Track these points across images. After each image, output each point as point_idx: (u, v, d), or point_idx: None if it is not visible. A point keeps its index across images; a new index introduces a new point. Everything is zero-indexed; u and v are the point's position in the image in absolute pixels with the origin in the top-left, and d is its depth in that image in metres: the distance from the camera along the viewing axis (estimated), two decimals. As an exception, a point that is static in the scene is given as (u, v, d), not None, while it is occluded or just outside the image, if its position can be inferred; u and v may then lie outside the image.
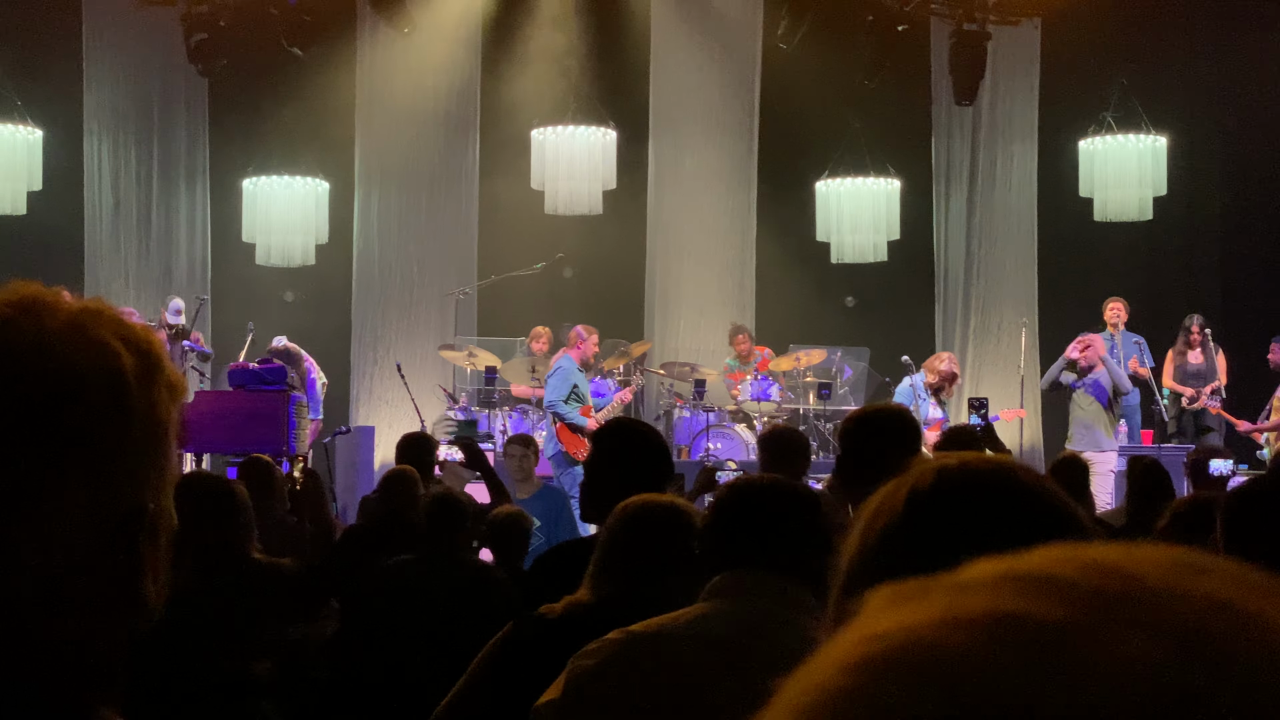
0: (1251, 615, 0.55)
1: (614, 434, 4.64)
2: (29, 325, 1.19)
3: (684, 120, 16.29)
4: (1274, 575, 0.58)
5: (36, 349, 1.18)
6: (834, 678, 0.58)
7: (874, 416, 4.50)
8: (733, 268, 16.32)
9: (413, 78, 15.73)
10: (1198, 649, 0.54)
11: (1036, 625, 0.56)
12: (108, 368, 1.20)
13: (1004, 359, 16.18)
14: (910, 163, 16.27)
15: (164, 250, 15.67)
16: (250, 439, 11.55)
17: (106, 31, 15.38)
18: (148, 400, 1.22)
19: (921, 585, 0.61)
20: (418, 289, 15.94)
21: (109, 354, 1.20)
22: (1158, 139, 15.21)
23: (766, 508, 2.91)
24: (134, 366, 1.21)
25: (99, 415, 1.19)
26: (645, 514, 3.64)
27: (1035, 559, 0.60)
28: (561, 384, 12.87)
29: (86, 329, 1.21)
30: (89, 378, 1.19)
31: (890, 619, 0.59)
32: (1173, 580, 0.57)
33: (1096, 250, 16.09)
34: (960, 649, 0.56)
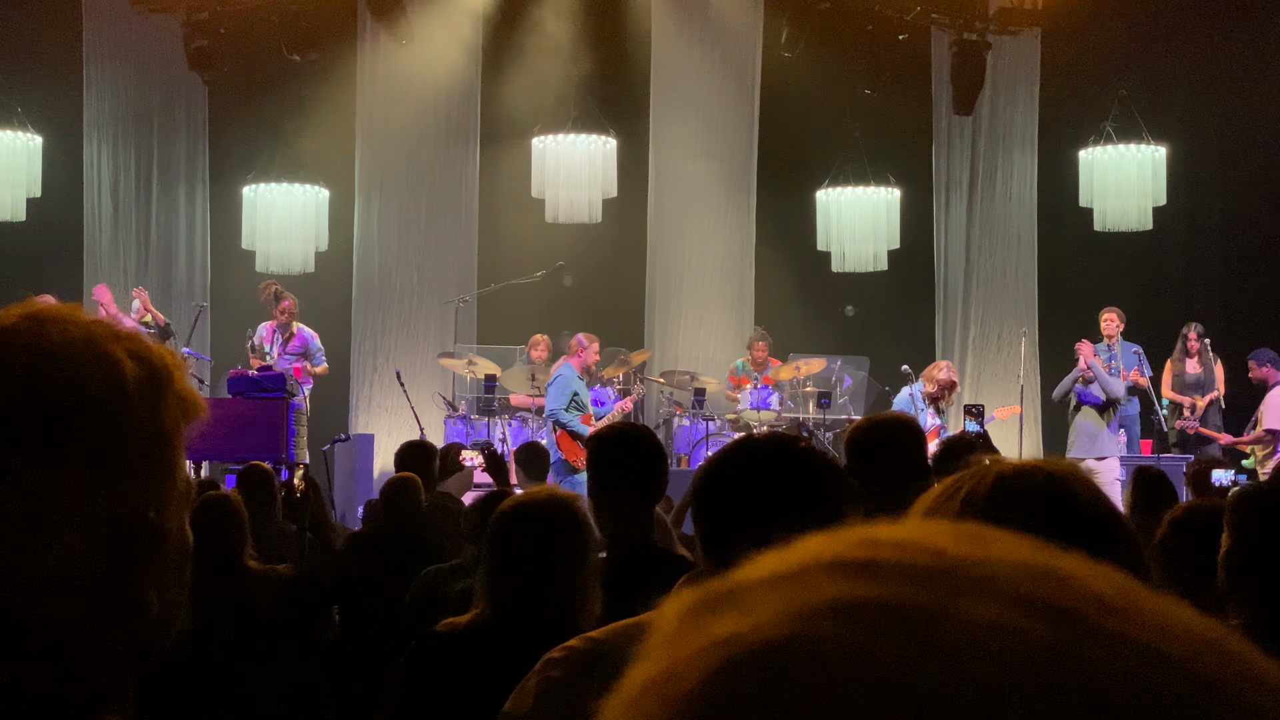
0: (1057, 571, 0.58)
1: (612, 440, 4.61)
2: (33, 334, 1.21)
3: (684, 129, 16.30)
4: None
5: (39, 356, 1.19)
6: (695, 688, 0.56)
7: (880, 425, 4.50)
8: (732, 277, 16.33)
9: (413, 86, 15.74)
10: (1029, 606, 0.55)
11: (889, 607, 0.56)
12: (109, 377, 1.21)
13: (1004, 368, 16.19)
14: (910, 172, 16.28)
15: (163, 257, 15.68)
16: (248, 446, 11.54)
17: (107, 38, 15.39)
18: (151, 411, 1.23)
19: (728, 584, 0.60)
20: (418, 297, 15.94)
21: (111, 364, 1.21)
22: (1157, 149, 15.22)
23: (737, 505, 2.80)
24: (138, 377, 1.23)
25: (98, 422, 1.20)
26: (520, 515, 3.58)
27: (835, 546, 0.60)
28: (562, 392, 12.86)
29: (93, 341, 1.22)
30: (89, 385, 1.20)
31: (728, 621, 0.58)
32: (974, 550, 0.59)
33: (1096, 260, 16.10)
34: (824, 640, 0.56)
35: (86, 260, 15.41)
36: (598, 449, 4.45)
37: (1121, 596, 0.57)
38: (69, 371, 1.19)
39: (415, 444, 8.31)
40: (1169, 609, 0.57)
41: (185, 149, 15.77)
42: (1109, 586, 0.58)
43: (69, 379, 1.19)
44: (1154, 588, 0.59)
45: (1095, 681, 0.54)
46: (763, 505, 2.57)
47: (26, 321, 1.22)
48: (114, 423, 1.20)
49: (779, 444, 2.69)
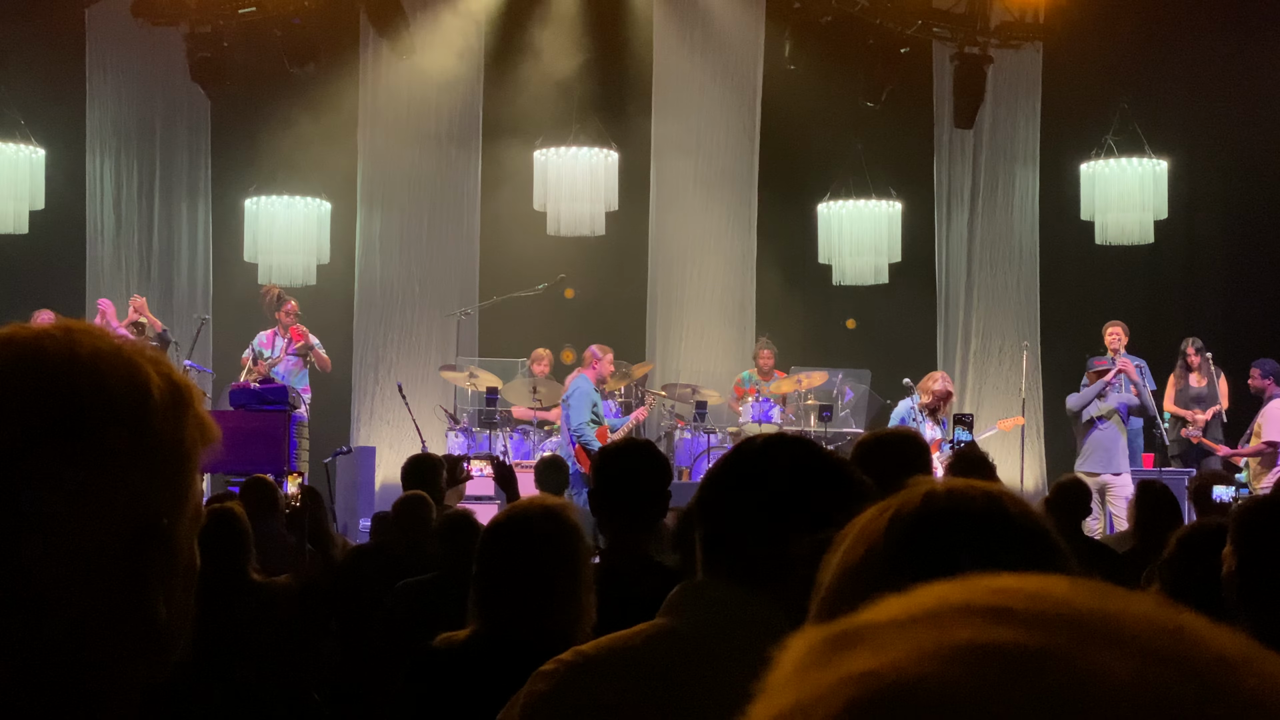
0: (1183, 627, 0.60)
1: (617, 455, 4.59)
2: (65, 342, 1.23)
3: (686, 142, 16.32)
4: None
5: (71, 362, 1.22)
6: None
7: (885, 440, 4.49)
8: (734, 289, 16.34)
9: (415, 98, 15.77)
10: (1164, 661, 0.57)
11: (1023, 651, 0.58)
12: (136, 388, 1.23)
13: (1005, 381, 16.19)
14: (912, 185, 16.29)
15: (165, 270, 15.69)
16: (251, 458, 11.55)
17: (110, 51, 15.41)
18: (173, 426, 1.25)
19: (855, 624, 0.62)
20: (419, 309, 15.95)
21: (139, 374, 1.24)
22: (1158, 162, 15.24)
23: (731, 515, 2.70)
24: (163, 392, 1.25)
25: (124, 430, 1.22)
26: (511, 527, 3.55)
27: (965, 592, 0.62)
28: (583, 406, 12.92)
29: (122, 354, 1.25)
30: (117, 394, 1.22)
31: (861, 658, 0.59)
32: (1101, 601, 0.61)
33: (1098, 273, 16.10)
34: (961, 680, 0.57)
35: (89, 273, 15.42)
36: (603, 463, 4.44)
37: (1241, 654, 0.59)
38: (98, 379, 1.22)
39: (422, 457, 8.30)
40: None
41: (187, 161, 15.79)
42: (1230, 644, 0.59)
43: (99, 386, 1.21)
44: None
45: None
46: (769, 507, 2.53)
47: (59, 330, 1.24)
48: (139, 432, 1.22)
49: (787, 444, 2.62)
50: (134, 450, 1.22)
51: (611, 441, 4.74)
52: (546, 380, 14.56)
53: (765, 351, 14.93)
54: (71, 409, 1.20)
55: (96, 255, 15.50)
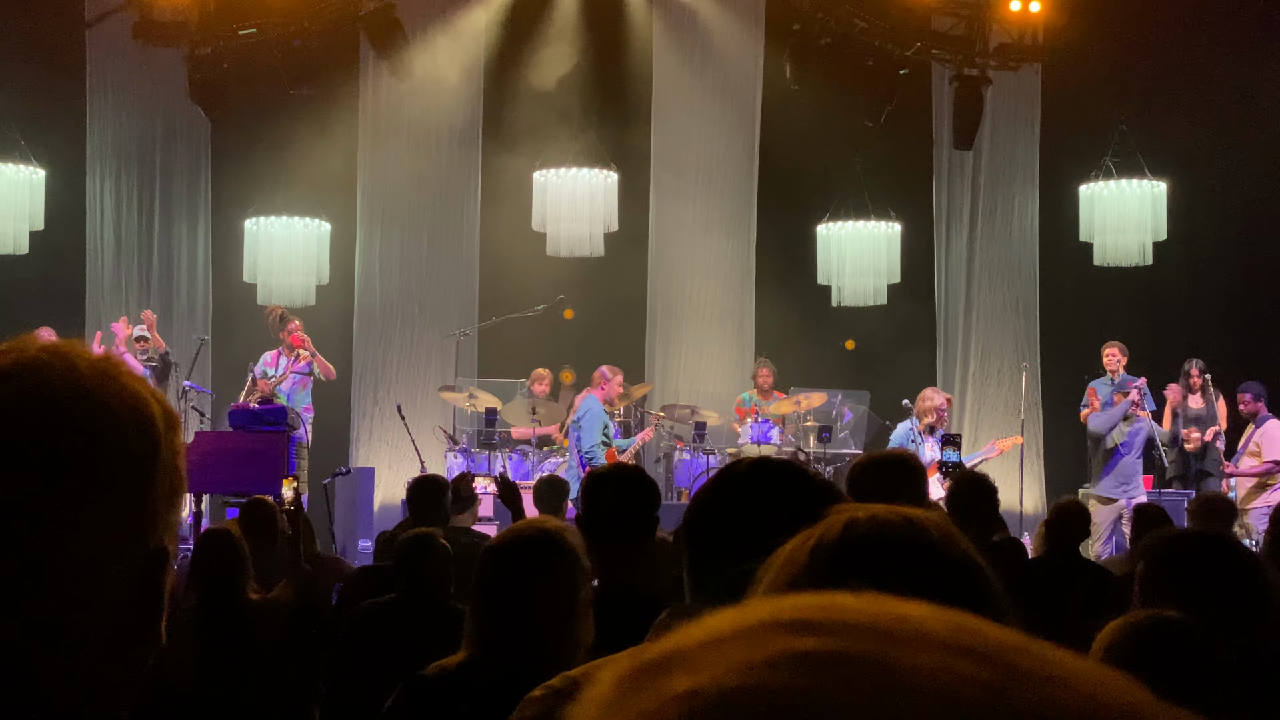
0: (971, 621, 0.65)
1: (605, 481, 4.59)
2: (64, 368, 1.23)
3: (685, 162, 16.35)
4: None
5: (74, 391, 1.21)
6: None
7: (879, 463, 4.50)
8: (733, 310, 16.35)
9: (415, 120, 15.80)
10: (960, 652, 0.62)
11: (837, 655, 0.61)
12: (140, 412, 1.24)
13: (1005, 402, 16.20)
14: (911, 206, 16.32)
15: (165, 290, 15.69)
16: (249, 479, 11.53)
17: (110, 72, 15.44)
18: (171, 447, 1.27)
19: (665, 649, 0.65)
20: (418, 330, 15.96)
21: (141, 400, 1.25)
22: (1157, 184, 15.26)
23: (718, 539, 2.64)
24: (162, 414, 1.26)
25: (134, 457, 1.22)
26: (507, 550, 3.50)
27: (770, 609, 0.66)
28: (594, 428, 12.98)
29: (117, 376, 1.25)
30: (124, 420, 1.22)
31: (680, 679, 0.62)
32: (899, 608, 0.65)
33: (1097, 294, 16.11)
34: (780, 687, 0.60)
35: (89, 293, 15.42)
36: (591, 488, 4.45)
37: (1022, 641, 0.64)
38: (107, 408, 1.22)
39: (427, 479, 8.25)
40: (1053, 650, 0.64)
41: (187, 182, 15.80)
42: (1011, 635, 0.65)
43: (109, 415, 1.22)
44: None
45: (1038, 712, 0.61)
46: (757, 531, 2.50)
47: (57, 358, 1.24)
48: (146, 457, 1.23)
49: (772, 466, 2.60)
50: (145, 476, 1.23)
51: (600, 467, 4.74)
52: (546, 400, 14.56)
53: (764, 370, 14.96)
54: (87, 443, 1.21)
55: (96, 275, 15.51)
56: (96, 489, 1.20)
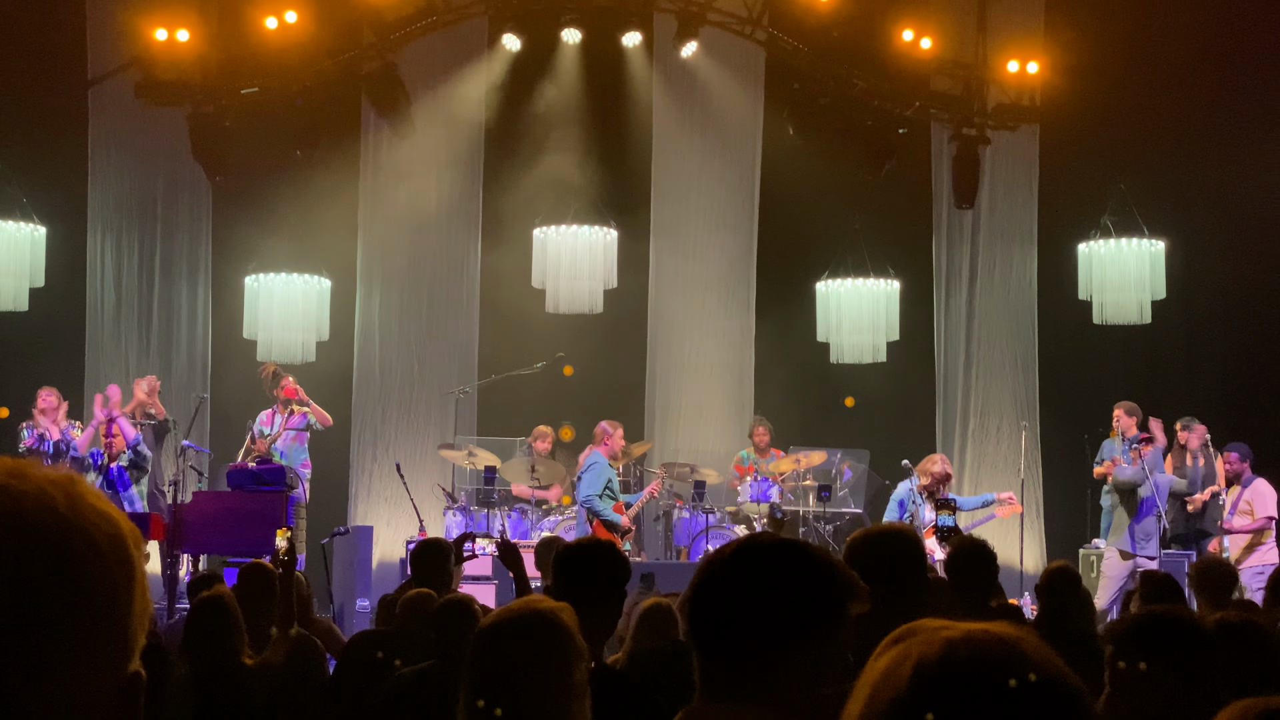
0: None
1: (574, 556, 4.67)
2: (34, 492, 1.20)
3: (685, 220, 16.39)
4: None
5: (49, 515, 1.19)
6: None
7: (877, 537, 4.48)
8: (732, 367, 16.35)
9: (416, 176, 15.84)
10: None
11: None
12: (114, 532, 1.22)
13: (1004, 460, 16.17)
14: (910, 264, 16.34)
15: (164, 348, 15.68)
16: (248, 540, 11.51)
17: (112, 130, 15.49)
18: (140, 569, 1.25)
19: None
20: (418, 387, 15.95)
21: (111, 519, 1.22)
22: (1155, 243, 15.30)
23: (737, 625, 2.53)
24: (130, 532, 1.24)
25: (112, 581, 1.20)
26: (498, 633, 3.42)
27: None
28: (596, 480, 13.01)
29: (83, 495, 1.22)
30: (101, 544, 1.20)
31: None
32: None
33: (1096, 352, 16.12)
34: None
35: (88, 351, 15.42)
36: (563, 561, 4.53)
37: None
38: (86, 535, 1.20)
39: (431, 543, 8.25)
40: None
41: (188, 239, 15.82)
42: None
43: (88, 542, 1.19)
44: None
45: None
46: (749, 622, 2.47)
47: (27, 482, 1.21)
48: (125, 580, 1.22)
49: (785, 551, 2.55)
50: (124, 599, 1.22)
51: (575, 540, 4.77)
52: (546, 459, 14.55)
53: (760, 429, 14.97)
54: (66, 569, 1.19)
55: (96, 332, 15.51)
56: (77, 616, 1.18)
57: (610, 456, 13.44)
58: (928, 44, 15.20)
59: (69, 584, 1.18)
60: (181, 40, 14.43)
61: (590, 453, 13.51)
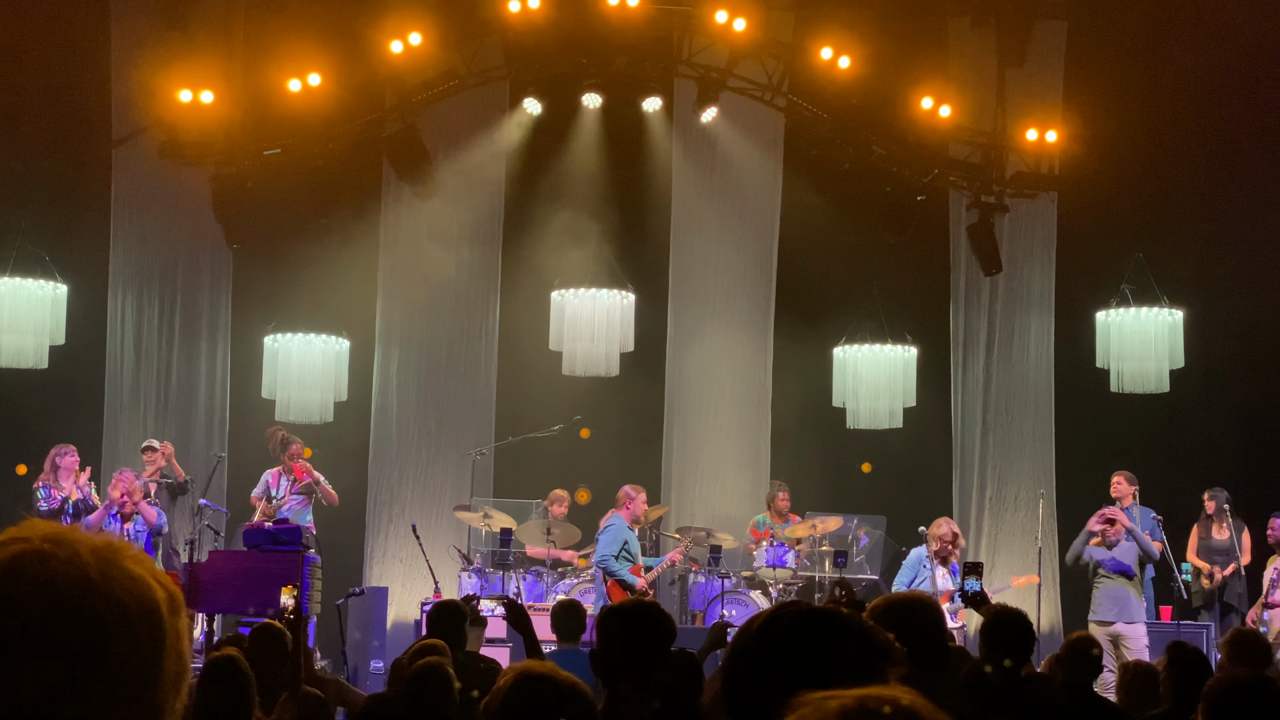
0: None
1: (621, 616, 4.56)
2: (68, 557, 1.21)
3: (703, 285, 16.42)
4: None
5: (79, 582, 1.20)
6: None
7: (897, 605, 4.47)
8: (749, 432, 16.32)
9: (435, 238, 15.91)
10: None
11: None
12: (146, 600, 1.22)
13: (1021, 529, 16.09)
14: (928, 330, 16.34)
15: (183, 407, 15.70)
16: (263, 599, 11.48)
17: (135, 190, 15.58)
18: (176, 632, 1.25)
19: None
20: (435, 448, 15.94)
21: (145, 587, 1.23)
22: (1174, 312, 15.29)
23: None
24: (166, 600, 1.23)
25: (139, 647, 1.21)
26: (514, 709, 3.46)
27: None
28: (613, 541, 13.02)
29: (120, 563, 1.23)
30: (130, 610, 1.20)
31: None
32: None
33: (1114, 421, 16.08)
34: None
35: (107, 409, 15.45)
36: (606, 621, 4.43)
37: None
38: (109, 594, 1.20)
39: (448, 604, 8.27)
40: None
41: (208, 299, 15.88)
42: None
43: (111, 602, 1.20)
44: None
45: None
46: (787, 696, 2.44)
47: (60, 547, 1.22)
48: (154, 648, 1.22)
49: (822, 619, 2.51)
50: (152, 666, 1.21)
51: (618, 602, 4.70)
52: (562, 522, 14.53)
53: (782, 495, 14.97)
54: (93, 635, 1.18)
55: (115, 391, 15.54)
56: (103, 683, 1.18)
57: (631, 520, 13.44)
58: (947, 112, 15.26)
59: (95, 654, 1.18)
60: (205, 102, 14.55)
61: (611, 515, 13.51)
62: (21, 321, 14.37)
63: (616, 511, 13.47)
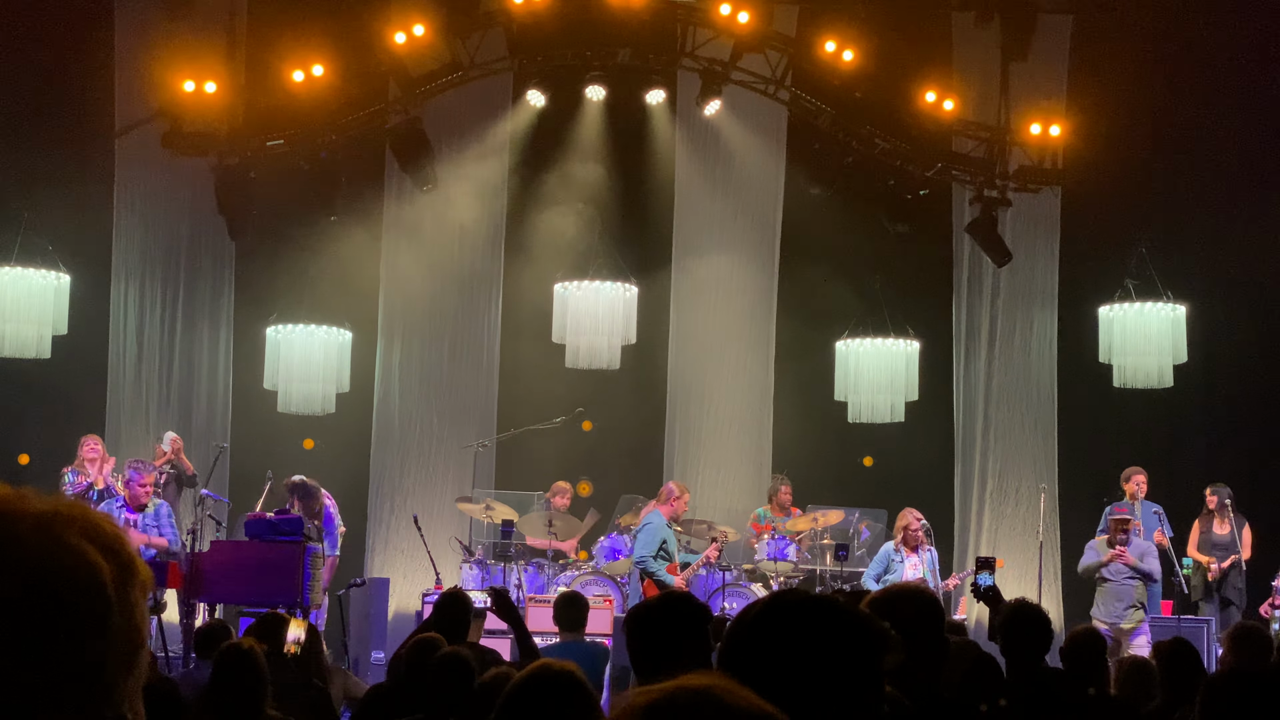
0: None
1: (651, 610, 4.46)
2: (3, 528, 1.18)
3: (705, 278, 16.41)
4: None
5: (10, 553, 1.17)
6: None
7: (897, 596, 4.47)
8: (751, 426, 16.32)
9: (438, 232, 15.90)
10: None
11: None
12: (88, 579, 1.18)
13: (1023, 522, 16.08)
14: (930, 324, 16.33)
15: (185, 397, 15.71)
16: (265, 590, 11.50)
17: (138, 180, 15.58)
18: (127, 607, 1.21)
19: None
20: (437, 440, 15.94)
21: (87, 564, 1.18)
22: (1177, 307, 15.27)
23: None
24: (113, 575, 1.20)
25: (83, 632, 1.17)
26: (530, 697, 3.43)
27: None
28: (651, 540, 12.92)
29: (60, 535, 1.18)
30: (67, 592, 1.16)
31: None
32: None
33: (1117, 416, 16.07)
34: None
35: (109, 399, 15.46)
36: (636, 620, 4.28)
37: None
38: (44, 577, 1.16)
39: (457, 596, 8.27)
40: None
41: (211, 289, 15.88)
42: None
43: (46, 586, 1.16)
44: None
45: None
46: (806, 680, 2.42)
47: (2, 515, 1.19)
48: (97, 628, 1.18)
49: (821, 607, 2.51)
50: (96, 649, 1.17)
51: (644, 600, 4.63)
52: (564, 515, 14.52)
53: (785, 488, 14.94)
54: (19, 607, 1.15)
55: (118, 381, 15.54)
56: (33, 660, 1.14)
57: (671, 517, 13.35)
58: (950, 105, 15.25)
59: (17, 619, 1.15)
60: (209, 92, 14.53)
61: (650, 510, 13.43)
62: (24, 311, 14.36)
63: (657, 507, 13.37)
